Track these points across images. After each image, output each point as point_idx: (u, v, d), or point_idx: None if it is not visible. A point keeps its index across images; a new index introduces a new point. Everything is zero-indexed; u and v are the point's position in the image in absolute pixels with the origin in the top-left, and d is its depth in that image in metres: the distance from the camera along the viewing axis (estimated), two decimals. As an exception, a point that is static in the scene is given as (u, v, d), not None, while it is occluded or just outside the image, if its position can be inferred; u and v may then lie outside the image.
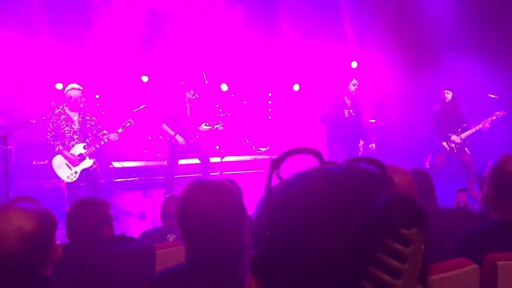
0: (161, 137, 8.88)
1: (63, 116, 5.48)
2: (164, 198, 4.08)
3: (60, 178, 5.61)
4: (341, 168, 0.62)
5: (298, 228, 0.57)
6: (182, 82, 6.84)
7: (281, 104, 9.74)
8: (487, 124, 6.38)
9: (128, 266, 2.15)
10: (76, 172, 5.53)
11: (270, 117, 9.96)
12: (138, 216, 6.59)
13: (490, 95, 6.84)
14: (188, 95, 6.63)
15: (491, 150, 6.62)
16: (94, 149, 5.59)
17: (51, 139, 5.43)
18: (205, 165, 6.65)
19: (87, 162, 5.58)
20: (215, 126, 6.99)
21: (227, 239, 1.49)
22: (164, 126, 6.58)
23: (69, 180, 5.52)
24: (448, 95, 6.43)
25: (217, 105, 9.51)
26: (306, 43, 9.60)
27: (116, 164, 8.33)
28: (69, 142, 5.50)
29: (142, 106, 8.99)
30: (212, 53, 9.72)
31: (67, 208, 2.38)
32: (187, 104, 6.65)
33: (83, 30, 9.11)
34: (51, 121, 5.43)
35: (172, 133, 6.49)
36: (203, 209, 1.47)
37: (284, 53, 9.78)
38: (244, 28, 10.00)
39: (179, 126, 6.53)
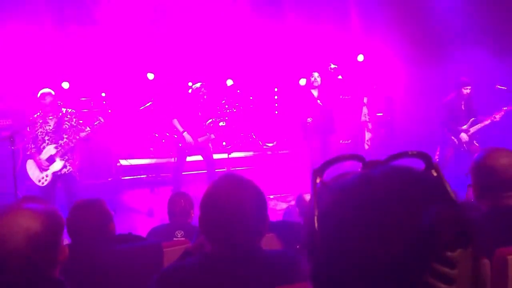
0: (167, 134, 8.89)
1: (40, 120, 5.40)
2: (171, 195, 4.10)
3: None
4: (387, 175, 0.61)
5: (345, 240, 0.58)
6: (200, 83, 6.79)
7: (287, 99, 9.71)
8: (497, 119, 6.34)
9: (136, 264, 2.15)
10: (47, 176, 5.36)
11: (276, 112, 9.94)
12: (146, 214, 6.62)
13: (499, 86, 6.78)
14: (203, 96, 6.64)
15: (501, 144, 6.60)
16: (64, 150, 5.38)
17: (27, 141, 5.38)
18: (209, 163, 6.67)
19: (57, 165, 5.37)
20: (219, 124, 7.01)
21: (245, 237, 1.50)
22: (175, 121, 6.57)
23: (40, 184, 5.37)
24: (467, 91, 6.36)
25: (223, 101, 9.50)
26: (313, 37, 9.55)
27: (123, 162, 8.37)
28: (41, 144, 5.38)
29: (148, 104, 9.00)
30: (218, 49, 9.70)
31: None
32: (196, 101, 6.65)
33: (88, 28, 9.12)
34: (28, 124, 5.37)
35: (181, 129, 6.48)
36: (226, 202, 1.48)
37: (290, 47, 9.74)
38: (249, 22, 9.96)
39: (189, 124, 6.53)
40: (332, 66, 6.39)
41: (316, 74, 6.68)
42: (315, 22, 9.66)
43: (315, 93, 6.60)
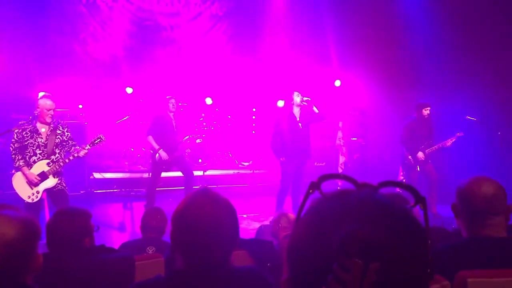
0: (143, 149, 8.85)
1: (30, 127, 4.90)
2: (144, 211, 4.08)
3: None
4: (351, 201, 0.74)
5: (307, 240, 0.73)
6: (182, 108, 6.72)
7: (264, 120, 9.82)
8: (449, 143, 6.69)
9: (108, 276, 2.15)
10: (38, 192, 4.85)
11: (253, 132, 10.03)
12: (117, 228, 6.55)
13: (469, 117, 7.02)
14: (171, 107, 6.55)
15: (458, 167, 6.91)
16: (58, 167, 4.90)
17: (13, 151, 4.81)
18: (188, 178, 6.60)
19: (50, 181, 4.91)
20: (196, 141, 6.99)
21: (218, 253, 1.50)
22: (150, 138, 6.49)
23: (30, 201, 4.83)
24: (427, 112, 6.61)
25: (201, 119, 9.55)
26: (291, 60, 9.74)
27: (97, 175, 8.28)
28: (30, 158, 4.84)
29: (126, 118, 8.98)
30: (198, 67, 9.79)
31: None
32: (172, 118, 6.59)
33: (69, 40, 9.11)
34: (16, 131, 4.85)
35: (157, 147, 6.41)
36: (201, 218, 1.48)
37: (269, 69, 9.89)
38: (230, 43, 10.11)
39: (165, 139, 6.46)
40: (305, 98, 6.17)
41: (298, 94, 6.36)
42: (294, 47, 9.87)
43: (297, 114, 6.30)
